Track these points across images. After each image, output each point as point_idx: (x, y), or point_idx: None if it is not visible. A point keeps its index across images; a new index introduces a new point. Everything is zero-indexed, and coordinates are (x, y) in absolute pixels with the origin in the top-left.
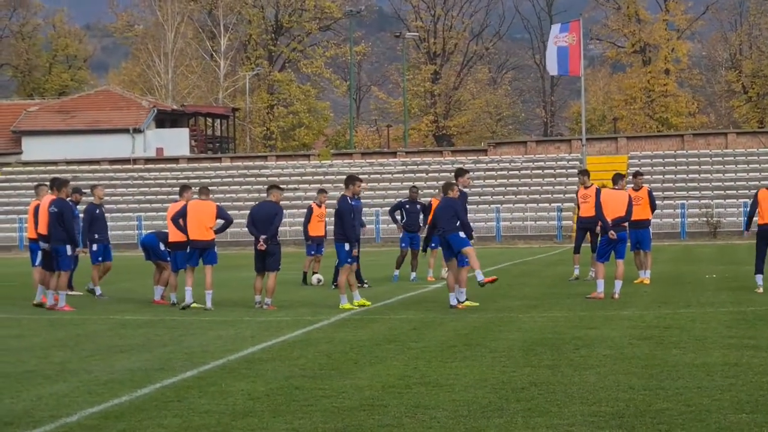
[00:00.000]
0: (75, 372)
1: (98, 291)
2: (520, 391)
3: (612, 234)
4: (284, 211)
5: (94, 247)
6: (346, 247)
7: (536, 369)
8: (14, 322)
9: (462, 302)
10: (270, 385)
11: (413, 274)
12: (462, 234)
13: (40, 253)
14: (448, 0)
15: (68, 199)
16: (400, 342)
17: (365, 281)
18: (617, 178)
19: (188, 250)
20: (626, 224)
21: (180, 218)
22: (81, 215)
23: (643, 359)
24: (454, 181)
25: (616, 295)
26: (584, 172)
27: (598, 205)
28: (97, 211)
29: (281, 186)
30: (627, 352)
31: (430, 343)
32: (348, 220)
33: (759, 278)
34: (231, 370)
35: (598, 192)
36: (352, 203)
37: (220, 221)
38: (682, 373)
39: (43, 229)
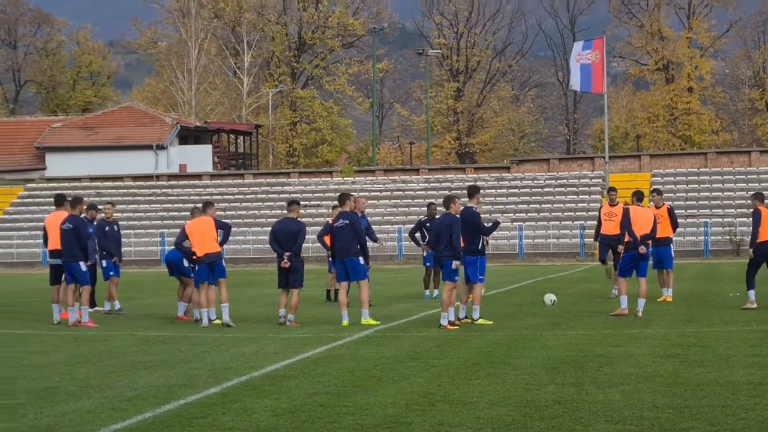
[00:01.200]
0: (99, 388)
1: (117, 305)
2: (544, 409)
3: (642, 249)
4: (306, 227)
5: (104, 263)
6: (361, 261)
7: (560, 387)
8: (37, 338)
9: (476, 319)
10: (293, 402)
11: (436, 292)
12: (454, 265)
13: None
14: (471, 17)
15: (83, 216)
16: (423, 359)
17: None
18: (641, 196)
19: (196, 268)
20: (649, 242)
21: (183, 241)
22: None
23: (667, 378)
24: (454, 196)
25: (640, 313)
26: (613, 189)
27: (627, 223)
28: (107, 228)
29: (301, 202)
30: (651, 371)
31: (454, 361)
32: (363, 234)
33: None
34: (254, 386)
35: (626, 211)
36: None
37: (221, 231)
38: (706, 392)
39: (55, 245)
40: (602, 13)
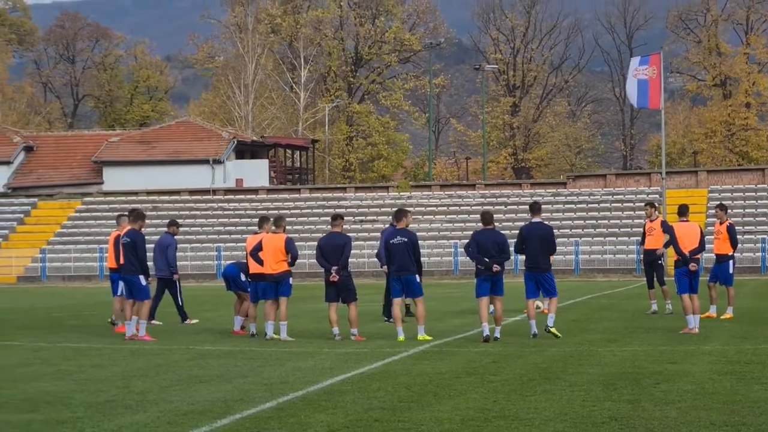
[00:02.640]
0: (155, 402)
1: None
2: (600, 425)
3: (693, 266)
4: (362, 242)
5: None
6: (417, 278)
7: (616, 403)
8: (95, 351)
9: (550, 327)
10: (349, 417)
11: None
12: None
13: (120, 283)
14: (528, 33)
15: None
16: (479, 375)
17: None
18: (684, 210)
19: (264, 285)
20: (698, 256)
21: (258, 252)
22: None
23: (724, 395)
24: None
25: (696, 329)
26: (649, 204)
27: (674, 240)
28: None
29: (357, 216)
30: (708, 388)
31: (510, 376)
32: (419, 252)
33: None
34: (310, 401)
35: (666, 225)
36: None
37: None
38: (764, 409)
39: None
40: (659, 28)
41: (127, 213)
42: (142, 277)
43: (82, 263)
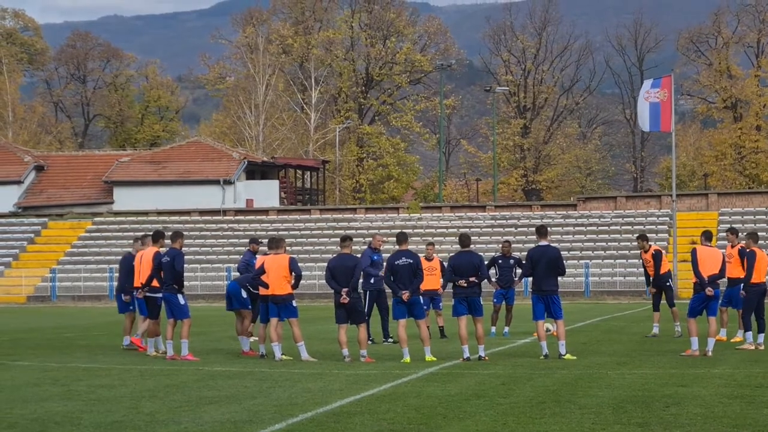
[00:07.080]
0: (164, 423)
1: (127, 341)
2: None
3: (709, 291)
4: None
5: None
6: (421, 299)
7: (626, 427)
8: (104, 372)
9: (563, 354)
10: None
11: (506, 329)
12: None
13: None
14: (539, 54)
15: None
16: (488, 397)
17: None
18: (710, 235)
19: (268, 305)
20: (719, 282)
21: (259, 275)
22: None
23: (733, 418)
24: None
25: (709, 353)
26: (643, 237)
27: (695, 264)
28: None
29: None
30: (717, 411)
31: (519, 399)
32: (422, 274)
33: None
34: (319, 423)
35: (693, 252)
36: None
37: (293, 274)
38: None
39: (144, 278)
40: (670, 51)
41: (151, 233)
42: (180, 296)
43: (92, 283)
